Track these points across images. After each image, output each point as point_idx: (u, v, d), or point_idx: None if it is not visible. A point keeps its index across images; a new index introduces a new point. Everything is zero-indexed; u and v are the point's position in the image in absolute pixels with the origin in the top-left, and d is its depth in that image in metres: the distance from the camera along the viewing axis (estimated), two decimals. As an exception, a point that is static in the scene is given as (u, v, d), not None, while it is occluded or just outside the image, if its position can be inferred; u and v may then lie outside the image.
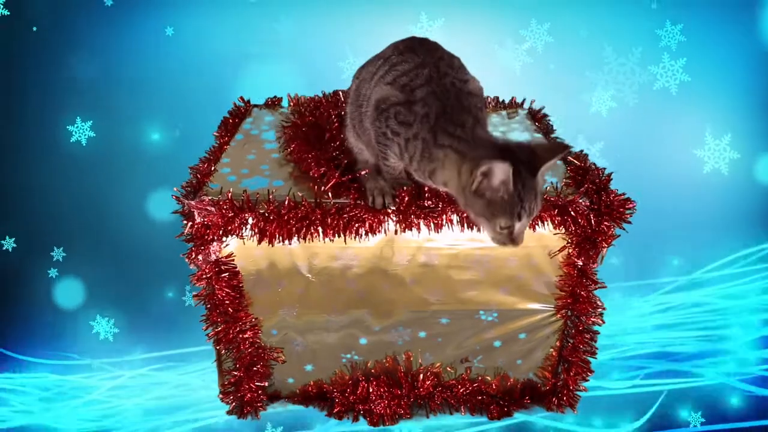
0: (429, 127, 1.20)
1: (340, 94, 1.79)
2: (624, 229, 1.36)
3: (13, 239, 2.31)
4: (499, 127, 1.76)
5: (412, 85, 1.25)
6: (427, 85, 1.24)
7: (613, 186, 1.37)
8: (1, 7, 2.13)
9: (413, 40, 1.37)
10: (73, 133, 2.29)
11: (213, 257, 1.37)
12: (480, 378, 1.61)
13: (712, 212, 2.46)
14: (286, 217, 1.31)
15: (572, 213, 1.34)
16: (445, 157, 1.18)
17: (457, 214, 1.34)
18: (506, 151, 1.14)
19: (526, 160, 1.13)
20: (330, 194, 1.35)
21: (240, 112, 1.83)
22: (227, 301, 1.42)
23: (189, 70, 2.29)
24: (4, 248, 2.31)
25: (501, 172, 1.08)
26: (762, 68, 2.38)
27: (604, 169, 1.42)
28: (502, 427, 1.65)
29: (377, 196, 1.33)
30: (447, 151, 1.18)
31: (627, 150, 2.38)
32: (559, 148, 1.16)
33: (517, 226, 1.17)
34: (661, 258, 2.45)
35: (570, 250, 1.40)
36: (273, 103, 1.93)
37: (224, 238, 1.35)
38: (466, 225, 1.35)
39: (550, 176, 1.46)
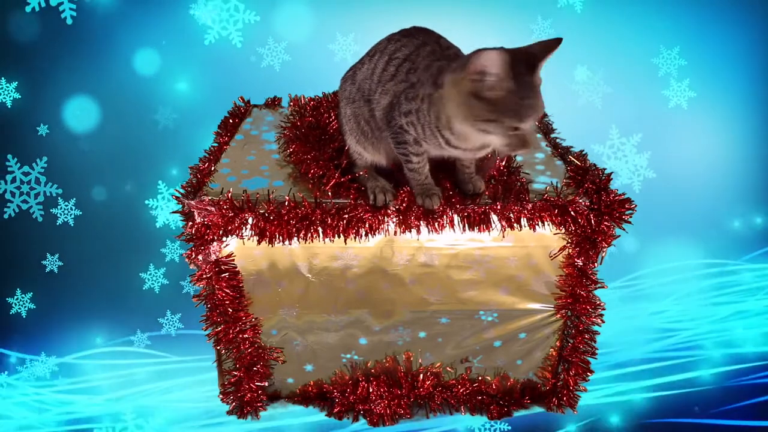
0: (432, 82, 1.18)
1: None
2: (624, 229, 1.36)
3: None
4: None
5: (415, 66, 1.24)
6: (430, 56, 1.23)
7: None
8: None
9: (408, 29, 1.35)
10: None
11: (213, 257, 1.37)
12: (480, 378, 1.61)
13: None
14: (286, 217, 1.31)
15: (572, 213, 1.34)
16: (444, 86, 1.13)
17: (458, 214, 1.34)
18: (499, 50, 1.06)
19: (522, 59, 1.06)
20: (330, 194, 1.35)
21: (240, 112, 1.83)
22: (227, 301, 1.41)
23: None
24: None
25: (492, 61, 1.02)
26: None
27: (604, 169, 1.42)
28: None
29: (378, 193, 1.33)
30: (445, 79, 1.14)
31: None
32: (554, 43, 1.08)
33: (525, 126, 1.09)
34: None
35: (570, 250, 1.40)
36: (273, 103, 1.93)
37: (224, 238, 1.35)
38: (467, 225, 1.35)
39: (550, 176, 1.46)
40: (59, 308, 2.22)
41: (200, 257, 1.36)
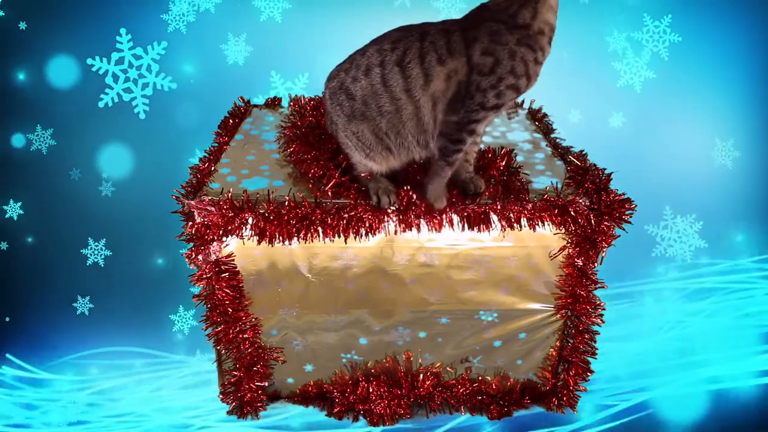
0: (511, 29, 1.23)
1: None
2: (624, 229, 1.36)
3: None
4: (499, 126, 1.76)
5: (438, 48, 1.24)
6: (462, 30, 1.25)
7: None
8: None
9: (384, 35, 1.32)
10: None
11: (213, 257, 1.37)
12: (480, 378, 1.61)
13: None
14: (286, 218, 1.31)
15: (572, 213, 1.34)
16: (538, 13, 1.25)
17: (458, 214, 1.34)
18: None
19: None
20: (330, 194, 1.35)
21: (240, 112, 1.83)
22: (227, 301, 1.42)
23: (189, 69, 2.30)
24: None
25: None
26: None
27: (604, 169, 1.42)
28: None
29: (382, 195, 1.33)
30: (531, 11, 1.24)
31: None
32: None
33: None
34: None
35: (570, 250, 1.40)
36: (273, 103, 1.93)
37: (224, 238, 1.35)
38: (467, 225, 1.35)
39: (550, 176, 1.46)
40: (91, 351, 2.21)
41: (200, 257, 1.36)
